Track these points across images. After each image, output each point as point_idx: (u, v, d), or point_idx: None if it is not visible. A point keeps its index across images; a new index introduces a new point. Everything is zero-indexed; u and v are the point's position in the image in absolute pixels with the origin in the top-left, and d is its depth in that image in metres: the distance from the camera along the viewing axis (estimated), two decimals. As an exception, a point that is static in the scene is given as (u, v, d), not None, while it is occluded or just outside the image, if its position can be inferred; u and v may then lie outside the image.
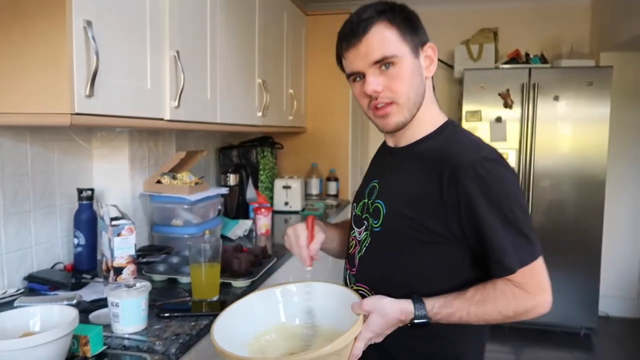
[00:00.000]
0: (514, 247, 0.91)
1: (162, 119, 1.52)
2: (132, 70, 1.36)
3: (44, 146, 1.51)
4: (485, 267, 0.94)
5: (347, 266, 1.12)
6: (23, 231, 1.44)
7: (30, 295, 1.34)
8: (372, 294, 0.99)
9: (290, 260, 1.95)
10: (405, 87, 0.96)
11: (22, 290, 1.37)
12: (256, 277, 1.49)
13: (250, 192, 2.41)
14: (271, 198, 2.81)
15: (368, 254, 1.04)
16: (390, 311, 0.90)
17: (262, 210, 2.16)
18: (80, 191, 1.57)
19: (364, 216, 1.07)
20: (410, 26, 0.97)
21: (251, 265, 1.52)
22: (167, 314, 1.21)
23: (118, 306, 1.10)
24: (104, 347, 1.05)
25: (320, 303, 1.03)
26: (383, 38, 0.95)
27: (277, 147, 2.97)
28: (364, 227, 1.06)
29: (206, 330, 1.19)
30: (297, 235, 1.07)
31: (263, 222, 2.16)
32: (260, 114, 2.37)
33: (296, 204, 2.80)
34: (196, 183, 1.84)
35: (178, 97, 1.55)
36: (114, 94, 1.27)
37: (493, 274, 0.93)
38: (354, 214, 1.13)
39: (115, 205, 1.39)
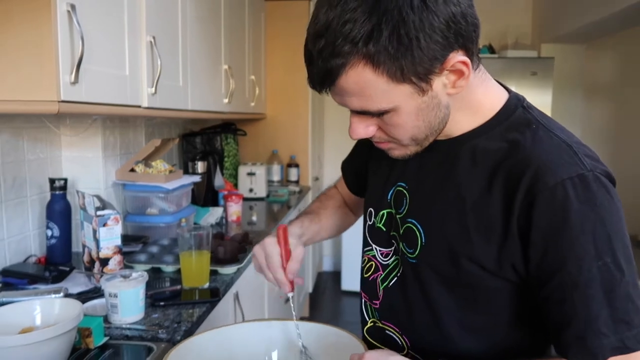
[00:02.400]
0: (612, 320, 0.61)
1: (139, 106, 1.49)
2: (111, 56, 1.32)
3: (14, 134, 1.44)
4: (553, 336, 0.66)
5: (364, 295, 0.88)
6: (-5, 224, 1.38)
7: (9, 290, 1.28)
8: (403, 339, 0.80)
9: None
10: (407, 132, 0.69)
11: (-1, 285, 1.31)
12: (242, 264, 1.50)
13: (219, 180, 2.40)
14: (235, 185, 2.80)
15: (398, 286, 0.80)
16: None
17: (233, 197, 2.16)
18: (52, 181, 1.51)
19: (391, 234, 0.81)
20: (416, 46, 0.59)
21: (237, 252, 1.53)
22: (162, 303, 1.21)
23: (117, 297, 1.09)
24: (106, 338, 1.04)
25: (310, 346, 0.83)
26: (361, 88, 0.63)
27: (239, 134, 2.95)
28: (393, 249, 0.81)
29: (205, 316, 1.20)
30: (269, 254, 0.82)
31: (234, 209, 2.16)
32: (226, 100, 2.35)
33: (261, 191, 2.81)
34: (170, 171, 1.82)
35: (155, 83, 1.52)
36: (95, 81, 1.23)
37: (564, 353, 0.65)
38: (370, 223, 0.86)
39: (97, 196, 1.35)
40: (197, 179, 1.99)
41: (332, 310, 3.59)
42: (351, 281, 3.80)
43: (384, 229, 0.83)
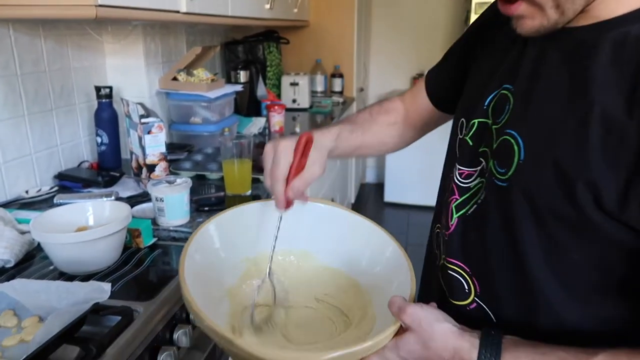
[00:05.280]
0: None
1: (178, 12, 1.45)
2: (147, -44, 1.27)
3: (58, 41, 1.45)
4: None
5: (437, 218, 0.73)
6: (48, 130, 1.43)
7: (65, 193, 1.36)
8: (472, 282, 0.63)
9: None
10: None
11: (56, 188, 1.39)
12: (284, 173, 1.52)
13: (261, 89, 2.37)
14: (278, 95, 2.78)
15: (477, 216, 0.63)
16: (437, 345, 0.55)
17: (276, 107, 2.14)
18: (98, 89, 1.54)
19: (480, 150, 0.63)
20: None
21: (278, 161, 1.54)
22: (206, 208, 1.25)
23: (163, 201, 1.14)
24: (155, 239, 1.10)
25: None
26: None
27: (282, 42, 2.87)
28: (478, 169, 0.63)
29: (247, 222, 1.24)
30: (277, 160, 0.69)
31: (277, 119, 2.15)
32: (268, 6, 2.25)
33: (304, 101, 2.78)
34: (212, 80, 1.81)
35: (193, -13, 1.46)
36: (132, -17, 1.19)
37: None
38: (461, 136, 0.68)
39: (141, 103, 1.37)
40: (239, 88, 1.97)
41: (375, 220, 3.66)
42: (394, 192, 3.83)
43: (471, 143, 0.65)
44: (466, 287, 0.64)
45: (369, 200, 4.03)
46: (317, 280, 0.78)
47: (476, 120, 0.65)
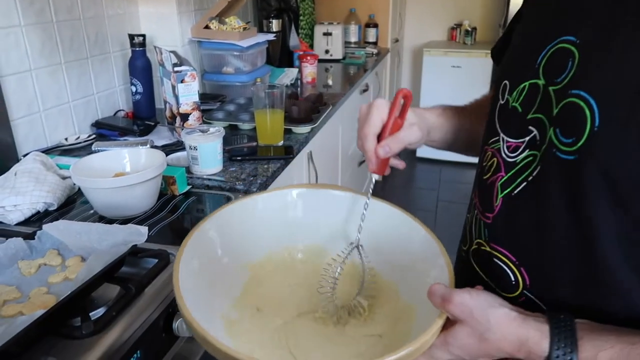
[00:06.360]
0: None
1: (210, -44, 1.42)
2: None
3: (91, -12, 1.44)
4: None
5: (476, 202, 0.62)
6: (84, 79, 1.45)
7: (102, 141, 1.39)
8: (521, 273, 0.54)
9: (341, 108, 1.96)
10: None
11: (93, 136, 1.42)
12: (316, 124, 1.51)
13: (294, 39, 2.33)
14: (311, 45, 2.72)
15: (529, 195, 0.53)
16: (495, 337, 0.48)
17: (308, 58, 2.10)
18: (132, 37, 1.54)
19: (529, 117, 0.53)
20: None
21: (310, 112, 1.53)
22: (239, 158, 1.26)
23: (196, 149, 1.15)
24: (189, 187, 1.12)
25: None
26: None
27: (315, -10, 2.78)
28: (528, 139, 0.53)
29: (279, 172, 1.25)
30: (370, 116, 0.62)
31: (309, 70, 2.12)
32: (301, -50, 2.18)
33: (337, 52, 2.72)
34: (244, 28, 1.78)
35: None
36: None
37: None
38: (503, 102, 0.59)
39: (174, 52, 1.36)
40: (271, 37, 1.94)
41: (406, 176, 3.63)
42: (426, 148, 3.75)
43: (520, 110, 0.55)
44: (513, 279, 0.55)
45: (401, 155, 3.96)
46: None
47: (527, 83, 0.54)
